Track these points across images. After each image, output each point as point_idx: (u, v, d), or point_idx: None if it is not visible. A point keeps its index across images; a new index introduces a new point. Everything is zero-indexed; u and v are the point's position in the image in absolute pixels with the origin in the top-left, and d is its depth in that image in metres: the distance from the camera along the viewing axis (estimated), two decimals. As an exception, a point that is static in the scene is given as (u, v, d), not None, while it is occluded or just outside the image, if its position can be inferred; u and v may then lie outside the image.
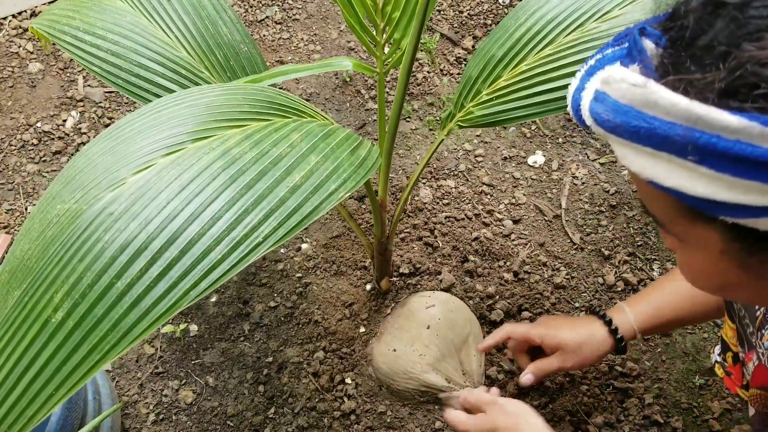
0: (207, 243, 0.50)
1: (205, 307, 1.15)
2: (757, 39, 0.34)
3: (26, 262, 0.53)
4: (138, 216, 0.51)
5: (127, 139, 0.59)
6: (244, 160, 0.56)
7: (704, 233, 0.41)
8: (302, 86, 1.51)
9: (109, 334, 0.46)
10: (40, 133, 1.40)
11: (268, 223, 0.52)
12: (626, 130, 0.37)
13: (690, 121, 0.34)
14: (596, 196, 1.32)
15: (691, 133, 0.34)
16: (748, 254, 0.40)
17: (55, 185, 0.59)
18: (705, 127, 0.34)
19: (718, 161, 0.34)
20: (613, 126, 0.38)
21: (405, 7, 0.86)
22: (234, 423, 1.03)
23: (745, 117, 0.33)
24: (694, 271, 0.47)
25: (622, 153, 0.40)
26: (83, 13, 0.85)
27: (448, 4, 1.69)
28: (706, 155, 0.35)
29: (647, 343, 1.13)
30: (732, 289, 0.46)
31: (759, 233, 0.37)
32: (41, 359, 0.46)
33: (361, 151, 0.63)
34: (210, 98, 0.64)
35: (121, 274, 0.48)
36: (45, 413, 0.44)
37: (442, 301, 1.06)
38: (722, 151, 0.34)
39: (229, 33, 0.91)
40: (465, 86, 0.92)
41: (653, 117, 0.36)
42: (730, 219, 0.37)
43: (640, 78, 0.36)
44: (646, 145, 0.37)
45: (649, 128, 0.36)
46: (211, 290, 0.48)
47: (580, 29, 0.86)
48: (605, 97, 0.39)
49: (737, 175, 0.34)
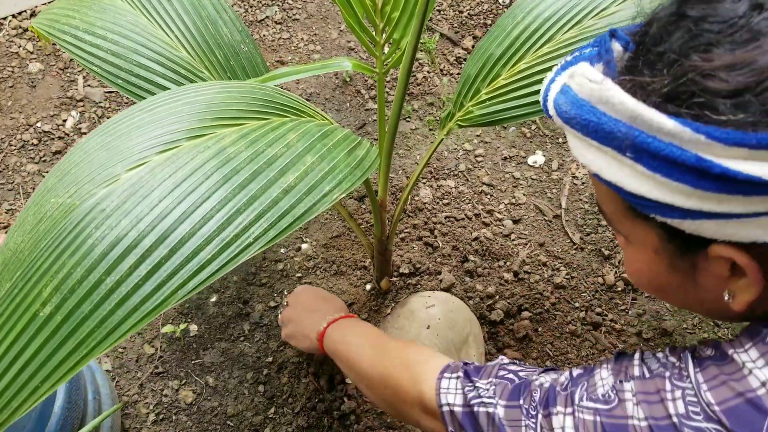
0: (197, 242, 0.50)
1: (205, 307, 1.15)
2: (705, 51, 0.36)
3: (18, 255, 0.53)
4: (130, 213, 0.51)
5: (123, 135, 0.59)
6: (239, 159, 0.56)
7: (643, 232, 0.44)
8: (302, 86, 1.51)
9: (95, 330, 0.46)
10: (40, 133, 1.40)
11: (259, 224, 0.52)
12: (578, 123, 0.40)
13: (632, 119, 0.37)
14: (596, 196, 1.32)
15: (632, 131, 0.37)
16: (679, 256, 0.43)
17: (50, 178, 0.59)
18: (644, 127, 0.37)
19: (651, 161, 0.37)
20: (568, 118, 0.41)
21: (404, 7, 0.86)
22: (234, 423, 1.02)
23: (679, 121, 0.35)
24: (634, 270, 0.49)
25: (573, 144, 0.43)
26: (83, 12, 0.85)
27: (448, 4, 1.70)
28: (642, 154, 0.37)
29: (647, 344, 1.13)
30: (666, 291, 0.48)
31: (685, 235, 0.40)
32: (28, 352, 0.46)
33: (359, 151, 0.63)
34: (208, 96, 0.64)
35: (110, 271, 0.48)
36: (30, 405, 0.45)
37: (442, 301, 1.06)
38: (655, 151, 0.36)
39: (229, 33, 0.91)
40: (464, 85, 0.92)
41: (603, 113, 0.38)
42: (659, 218, 0.39)
43: (599, 75, 0.39)
44: (593, 138, 0.40)
45: (597, 123, 0.39)
46: (198, 290, 0.48)
47: (577, 26, 0.86)
48: (568, 89, 0.41)
49: (667, 176, 0.36)
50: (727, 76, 0.34)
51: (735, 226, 0.37)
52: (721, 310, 0.45)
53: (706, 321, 1.16)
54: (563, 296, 1.17)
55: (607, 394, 0.45)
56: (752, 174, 0.34)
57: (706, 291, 0.44)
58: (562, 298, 1.17)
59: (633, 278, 0.50)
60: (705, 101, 0.35)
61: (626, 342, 1.13)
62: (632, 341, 1.13)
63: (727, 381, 0.39)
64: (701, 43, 0.36)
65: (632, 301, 1.17)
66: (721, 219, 0.37)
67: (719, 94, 0.35)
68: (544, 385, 0.51)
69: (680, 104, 0.36)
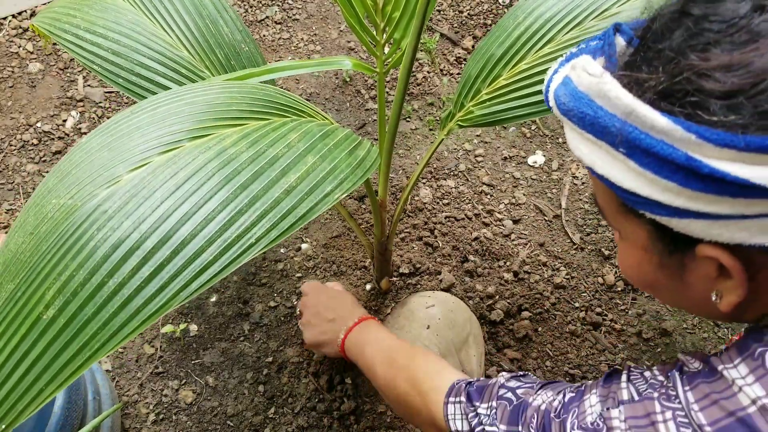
0: (199, 244, 0.50)
1: (205, 307, 1.15)
2: (703, 50, 0.36)
3: (20, 256, 0.53)
4: (132, 215, 0.51)
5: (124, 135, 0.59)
6: (240, 160, 0.56)
7: (634, 229, 0.44)
8: (302, 86, 1.52)
9: (98, 333, 0.46)
10: (40, 133, 1.40)
11: (261, 224, 0.52)
12: (575, 115, 0.40)
13: (627, 115, 0.37)
14: (596, 196, 1.32)
15: (626, 126, 0.37)
16: (667, 254, 0.43)
17: (51, 178, 0.59)
18: (638, 123, 0.37)
19: (643, 157, 0.37)
20: (567, 110, 0.41)
21: (405, 7, 0.86)
22: (234, 423, 1.02)
23: (671, 119, 0.35)
24: (626, 266, 0.49)
25: (570, 137, 0.43)
26: (84, 11, 0.85)
27: (448, 4, 1.70)
28: (635, 150, 0.37)
29: (647, 344, 1.13)
30: (656, 288, 0.49)
31: (674, 233, 0.40)
32: (32, 355, 0.46)
33: (359, 151, 0.63)
34: (209, 96, 0.64)
35: (113, 273, 0.48)
36: (35, 408, 0.45)
37: (442, 301, 1.06)
38: (647, 147, 0.36)
39: (229, 32, 0.91)
40: (465, 86, 0.92)
41: (599, 107, 0.39)
42: (649, 215, 0.40)
43: (598, 69, 0.39)
44: (589, 132, 0.40)
45: (594, 116, 0.39)
46: (201, 291, 0.48)
47: (578, 27, 0.86)
48: (569, 81, 0.41)
49: (657, 173, 0.37)
50: (723, 77, 0.35)
51: (721, 227, 0.37)
52: (709, 310, 0.45)
53: (706, 321, 1.16)
54: (563, 296, 1.17)
55: (596, 422, 0.45)
56: (740, 176, 0.34)
57: (695, 290, 0.45)
58: (562, 298, 1.17)
59: (625, 274, 0.51)
60: (698, 101, 0.35)
61: (626, 342, 1.13)
62: (632, 341, 1.13)
63: (718, 400, 0.39)
64: (700, 42, 0.36)
65: (632, 301, 1.17)
66: (709, 219, 0.37)
67: (713, 95, 0.35)
68: (540, 408, 0.52)
69: (674, 102, 0.36)
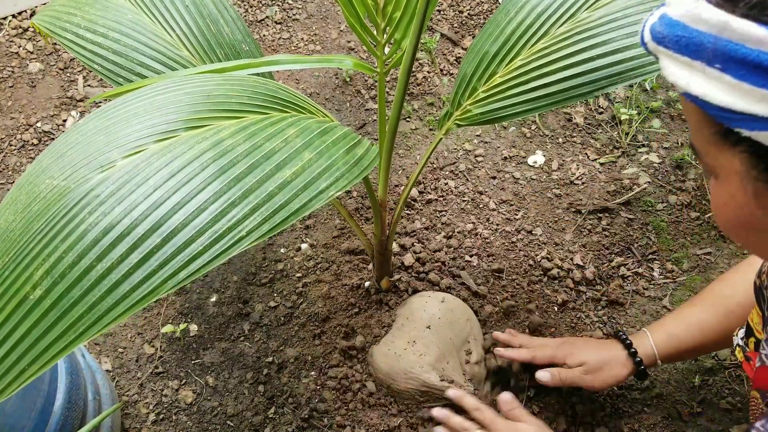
0: (190, 233, 0.50)
1: (205, 307, 1.15)
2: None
3: (9, 234, 0.53)
4: (124, 201, 0.51)
5: (121, 121, 0.59)
6: (236, 152, 0.56)
7: (729, 159, 0.44)
8: (302, 86, 1.52)
9: (84, 316, 0.46)
10: (40, 133, 1.40)
11: (253, 217, 0.52)
12: (671, 40, 0.42)
13: (721, 30, 0.38)
14: (596, 196, 1.32)
15: (719, 41, 0.38)
16: (764, 182, 0.43)
17: (45, 157, 0.58)
18: (731, 36, 0.38)
19: (738, 68, 0.38)
20: (662, 37, 0.43)
21: (406, 7, 0.86)
22: (234, 423, 1.02)
23: (765, 27, 0.36)
24: (719, 206, 0.48)
25: (665, 64, 0.44)
26: (84, 10, 0.85)
27: (448, 4, 1.70)
28: (729, 62, 0.38)
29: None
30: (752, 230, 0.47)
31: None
32: (16, 335, 0.47)
33: (358, 150, 0.63)
34: (209, 87, 0.64)
35: (102, 257, 0.48)
36: (17, 387, 0.45)
37: (442, 301, 1.06)
38: (742, 57, 0.37)
39: (230, 32, 0.91)
40: (461, 84, 0.91)
41: (694, 29, 0.40)
42: (745, 132, 0.40)
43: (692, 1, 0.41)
44: (684, 54, 0.41)
45: (688, 38, 0.41)
46: (189, 281, 0.48)
47: (571, 20, 0.85)
48: (665, 15, 0.43)
49: (753, 83, 0.38)
50: None
51: None
52: None
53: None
54: (563, 296, 1.17)
55: None
56: None
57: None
58: (562, 298, 1.17)
59: (718, 217, 0.50)
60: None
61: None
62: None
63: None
64: None
65: (632, 301, 1.17)
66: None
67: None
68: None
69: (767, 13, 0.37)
